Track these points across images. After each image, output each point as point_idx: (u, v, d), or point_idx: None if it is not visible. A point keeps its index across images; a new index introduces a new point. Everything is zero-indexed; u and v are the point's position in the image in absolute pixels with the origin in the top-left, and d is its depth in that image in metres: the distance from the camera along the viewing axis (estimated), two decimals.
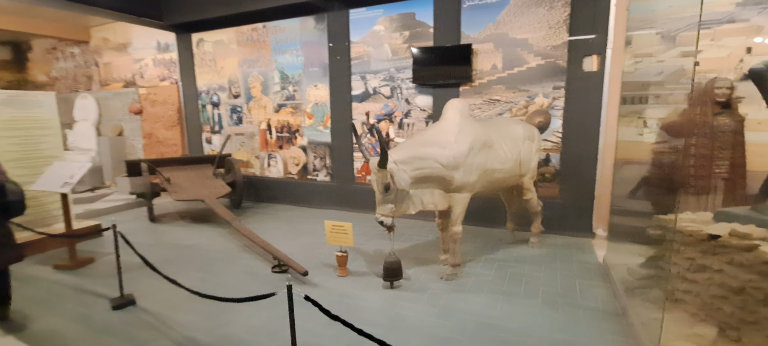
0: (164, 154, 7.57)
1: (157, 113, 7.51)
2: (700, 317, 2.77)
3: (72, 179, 3.77)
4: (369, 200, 5.83)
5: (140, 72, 7.76)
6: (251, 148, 6.78)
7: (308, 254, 4.24)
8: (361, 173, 5.90)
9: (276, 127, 6.47)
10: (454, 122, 3.49)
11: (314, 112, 6.11)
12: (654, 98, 4.46)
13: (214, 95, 6.94)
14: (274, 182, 6.64)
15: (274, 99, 6.40)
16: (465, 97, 5.10)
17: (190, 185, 5.76)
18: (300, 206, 6.41)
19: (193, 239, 4.86)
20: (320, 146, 6.16)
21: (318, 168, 6.25)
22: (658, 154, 4.39)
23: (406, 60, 5.34)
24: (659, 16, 4.37)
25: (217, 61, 6.78)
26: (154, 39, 7.44)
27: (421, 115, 5.38)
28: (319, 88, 6.01)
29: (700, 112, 4.15)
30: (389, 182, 3.19)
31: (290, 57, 6.14)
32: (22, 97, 4.42)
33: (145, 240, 4.85)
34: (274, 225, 5.40)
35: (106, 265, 4.06)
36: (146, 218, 5.84)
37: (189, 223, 5.59)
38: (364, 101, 5.70)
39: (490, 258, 4.12)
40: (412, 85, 5.35)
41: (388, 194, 3.24)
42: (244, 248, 4.53)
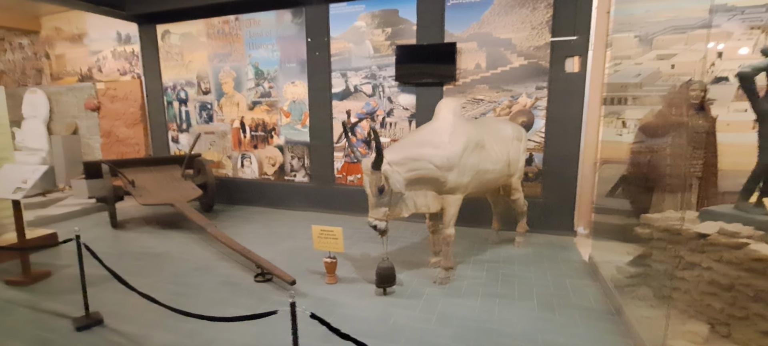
0: (126, 154, 7.04)
1: (117, 110, 6.97)
2: (690, 314, 2.83)
3: (25, 183, 3.36)
4: (350, 201, 5.71)
5: (98, 65, 7.17)
6: (222, 147, 6.43)
7: (292, 261, 4.03)
8: (342, 174, 5.73)
9: (250, 126, 6.16)
10: (448, 122, 3.40)
11: (291, 110, 5.86)
12: (632, 100, 4.59)
13: (182, 91, 6.52)
14: (248, 183, 6.33)
15: (247, 96, 6.09)
16: (448, 96, 5.04)
17: (156, 187, 5.37)
18: (277, 208, 6.15)
19: (163, 247, 4.51)
20: (298, 146, 5.92)
21: (296, 168, 6.01)
22: (636, 154, 4.53)
23: (388, 58, 5.21)
24: (638, 19, 4.50)
25: (184, 55, 6.37)
26: (113, 29, 6.88)
27: (403, 114, 5.27)
28: (296, 85, 5.77)
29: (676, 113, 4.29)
30: (383, 184, 3.06)
31: (265, 52, 5.85)
32: None
33: (109, 249, 4.46)
34: (251, 229, 5.13)
35: (66, 279, 3.67)
36: (108, 225, 5.38)
37: (156, 229, 5.21)
38: (344, 99, 5.52)
39: (480, 259, 4.08)
40: (394, 84, 5.23)
41: (382, 197, 3.10)
42: (221, 255, 4.25)
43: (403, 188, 3.13)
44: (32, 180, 3.38)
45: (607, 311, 3.06)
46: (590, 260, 4.01)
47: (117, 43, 6.93)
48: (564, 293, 3.35)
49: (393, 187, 3.07)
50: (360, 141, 5.55)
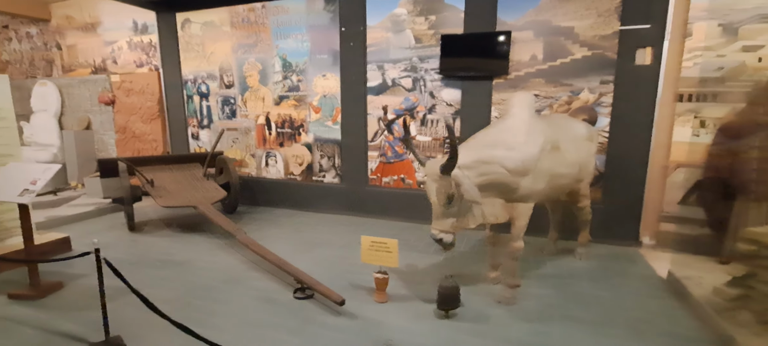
0: (142, 151, 6.64)
1: (134, 104, 6.56)
2: None
3: (34, 185, 2.94)
4: (385, 205, 5.24)
5: (112, 56, 6.77)
6: (246, 145, 5.99)
7: (330, 272, 3.58)
8: (376, 175, 5.26)
9: (276, 122, 5.72)
10: (523, 120, 2.92)
11: (322, 105, 5.41)
12: (712, 96, 4.08)
13: (203, 84, 6.09)
14: (273, 183, 5.89)
15: (274, 90, 5.65)
16: (497, 91, 4.56)
17: (177, 187, 4.94)
18: (303, 210, 5.70)
19: (186, 254, 4.08)
20: (328, 144, 5.47)
21: (325, 168, 5.56)
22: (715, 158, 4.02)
23: (431, 49, 4.74)
24: (721, 6, 3.98)
25: (206, 46, 5.94)
26: (129, 18, 6.47)
27: (447, 110, 4.79)
28: (327, 79, 5.31)
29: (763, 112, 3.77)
30: (454, 191, 2.59)
31: (294, 42, 5.40)
32: None
33: (126, 256, 4.03)
34: (279, 234, 4.68)
35: (80, 291, 3.25)
36: (124, 227, 4.97)
37: (177, 233, 4.78)
38: (381, 94, 5.06)
39: (541, 274, 3.61)
40: (437, 77, 4.76)
41: (451, 206, 2.64)
42: (251, 264, 3.81)
43: (479, 197, 2.65)
44: (42, 181, 2.96)
45: (708, 341, 2.60)
46: (670, 277, 3.52)
47: (133, 32, 6.52)
48: (650, 318, 2.88)
49: (467, 195, 2.60)
50: (397, 139, 5.09)
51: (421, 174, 5.04)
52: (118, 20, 6.58)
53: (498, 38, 4.38)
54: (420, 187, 5.08)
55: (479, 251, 4.11)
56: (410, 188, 5.13)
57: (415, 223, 5.03)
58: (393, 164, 5.16)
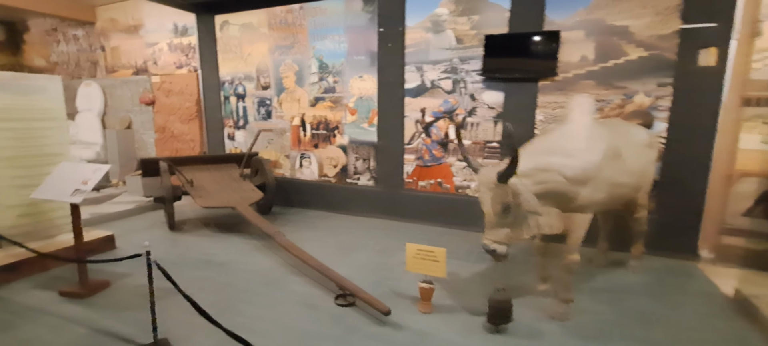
0: (180, 150, 6.77)
1: (173, 105, 6.70)
2: None
3: (85, 185, 2.98)
4: (421, 209, 5.11)
5: (153, 58, 6.94)
6: (281, 146, 6.00)
7: (370, 278, 3.49)
8: (412, 179, 5.15)
9: (311, 124, 5.69)
10: (584, 125, 2.75)
11: (358, 107, 5.34)
12: None
13: (239, 86, 6.15)
14: (306, 184, 5.87)
15: (310, 91, 5.62)
16: (543, 93, 4.36)
17: (216, 188, 4.98)
18: (337, 212, 5.65)
19: (226, 255, 4.08)
20: (363, 146, 5.40)
21: (360, 171, 5.49)
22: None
23: (473, 49, 4.58)
24: None
25: (243, 47, 5.99)
26: (170, 20, 6.62)
27: (488, 113, 4.63)
28: (364, 80, 5.24)
29: None
30: (510, 200, 2.45)
31: (331, 43, 5.36)
32: (21, 80, 3.62)
33: (167, 255, 4.07)
34: (315, 236, 4.63)
35: (126, 291, 3.28)
36: (164, 226, 5.05)
37: (216, 233, 4.81)
38: (419, 96, 4.94)
39: (593, 287, 3.40)
40: (479, 79, 4.60)
41: (507, 216, 2.49)
42: (290, 266, 3.77)
43: (539, 207, 2.50)
44: (93, 181, 3.00)
45: None
46: (737, 295, 3.25)
47: (173, 34, 6.66)
48: (720, 340, 2.67)
49: (526, 206, 2.45)
50: (435, 143, 4.96)
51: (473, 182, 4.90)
52: (160, 23, 6.73)
53: (546, 38, 4.18)
54: (457, 192, 4.93)
55: (524, 260, 3.92)
56: (448, 193, 4.99)
57: (453, 229, 4.89)
58: (430, 168, 5.03)
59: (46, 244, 3.75)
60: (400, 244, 4.42)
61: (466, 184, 4.87)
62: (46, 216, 3.83)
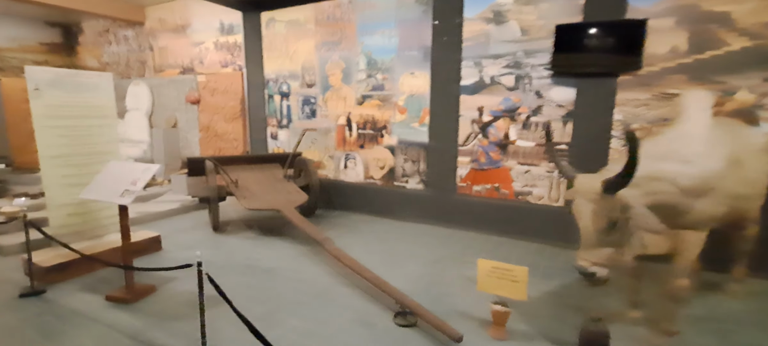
0: (223, 150, 6.71)
1: (217, 104, 6.64)
2: None
3: (135, 185, 2.82)
4: (476, 216, 4.70)
5: (199, 57, 6.93)
6: (325, 146, 5.78)
7: (429, 294, 3.15)
8: (466, 182, 4.76)
9: (358, 123, 5.43)
10: (702, 125, 2.29)
11: (408, 105, 5.02)
12: None
13: (284, 84, 5.98)
14: (351, 187, 5.61)
15: (357, 89, 5.36)
16: (623, 90, 3.87)
17: (260, 189, 4.81)
18: (383, 217, 5.35)
19: (272, 261, 3.86)
20: (413, 147, 5.07)
21: (408, 173, 5.16)
22: None
23: (540, 42, 4.15)
24: None
25: (289, 45, 5.82)
26: (217, 19, 6.57)
27: (556, 112, 4.18)
28: (416, 77, 4.91)
29: None
30: (617, 215, 2.04)
31: (381, 38, 5.07)
32: (74, 77, 3.55)
33: (212, 258, 3.91)
34: (362, 242, 4.34)
35: (172, 297, 3.10)
36: (207, 227, 4.93)
37: (260, 236, 4.62)
38: (476, 93, 4.56)
39: (694, 316, 2.90)
40: (547, 74, 4.16)
41: (611, 233, 2.08)
42: (338, 277, 3.49)
43: (658, 223, 2.07)
44: (143, 181, 2.84)
45: None
46: None
47: (219, 33, 6.60)
48: None
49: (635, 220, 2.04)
50: (492, 144, 4.55)
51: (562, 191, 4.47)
52: (206, 22, 6.70)
53: (630, 27, 3.69)
54: (517, 198, 4.50)
55: None
56: (506, 199, 4.56)
57: (512, 238, 4.47)
58: (486, 172, 4.63)
59: (93, 244, 3.67)
60: (453, 253, 4.05)
61: (527, 189, 4.43)
62: (94, 215, 3.75)
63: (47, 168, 3.40)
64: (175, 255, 3.98)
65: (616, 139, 3.95)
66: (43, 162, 3.38)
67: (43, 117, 3.35)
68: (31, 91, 3.28)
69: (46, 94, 3.36)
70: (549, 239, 4.30)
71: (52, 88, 3.40)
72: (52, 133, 3.41)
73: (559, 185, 4.26)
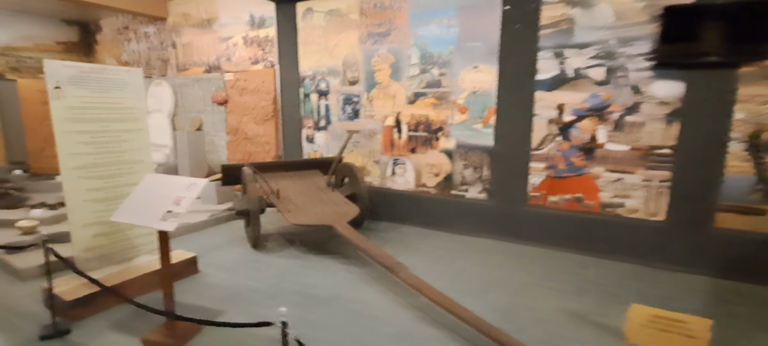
0: (253, 154, 6.18)
1: (247, 104, 6.11)
2: None
3: (178, 205, 2.27)
4: (552, 231, 4.04)
5: (227, 54, 6.40)
6: (369, 150, 5.20)
7: (530, 334, 2.55)
8: (540, 192, 4.15)
9: (408, 124, 4.84)
10: None
11: (469, 104, 4.42)
12: None
13: (322, 81, 5.42)
14: (399, 196, 5.03)
15: (408, 86, 4.77)
16: (746, 83, 3.22)
17: (304, 200, 4.25)
18: (436, 229, 4.76)
19: (329, 288, 3.29)
20: (475, 152, 4.47)
21: (468, 181, 4.56)
22: None
23: (640, 27, 3.52)
24: None
25: (329, 38, 5.25)
26: (246, 11, 6.03)
27: (658, 111, 3.54)
28: (479, 71, 4.31)
29: None
30: None
31: (437, 28, 4.48)
32: (99, 73, 3.02)
33: (259, 284, 3.35)
34: (420, 262, 3.75)
35: (220, 340, 2.55)
36: (244, 241, 4.39)
37: (305, 253, 4.06)
38: (555, 89, 3.94)
39: None
40: (646, 66, 3.53)
41: None
42: (417, 310, 2.90)
43: None
44: (189, 200, 2.29)
45: None
46: None
47: (249, 27, 6.07)
48: None
49: None
50: (574, 148, 3.93)
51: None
52: (235, 15, 6.17)
53: (757, 8, 3.04)
54: (604, 211, 3.87)
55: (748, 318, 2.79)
56: (589, 212, 3.94)
57: (597, 258, 3.85)
58: (565, 180, 4.01)
59: (123, 270, 3.14)
60: (537, 277, 3.45)
61: (617, 201, 3.80)
62: (124, 235, 3.22)
63: (70, 181, 2.87)
64: (215, 279, 3.44)
65: (737, 143, 3.31)
66: (65, 174, 2.85)
67: (64, 120, 2.82)
68: (52, 90, 2.76)
69: (67, 94, 2.83)
70: (645, 260, 3.68)
71: (75, 86, 2.87)
72: (75, 139, 2.88)
73: (660, 197, 3.62)
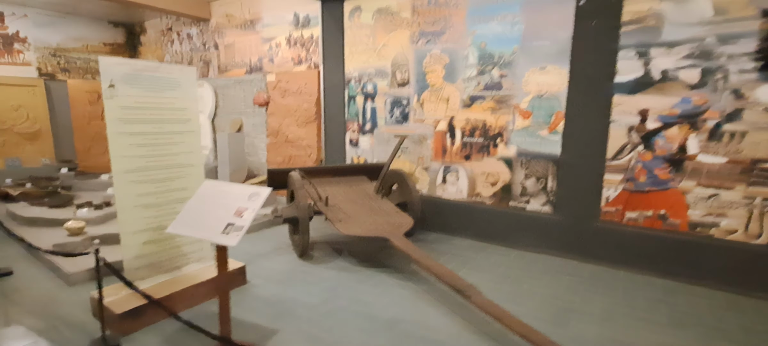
0: (294, 157, 6.01)
1: (289, 106, 5.95)
2: None
3: (241, 217, 2.05)
4: (629, 251, 3.60)
5: (270, 54, 6.27)
6: (418, 156, 4.91)
7: None
8: (615, 207, 3.74)
9: (463, 129, 4.52)
10: None
11: (534, 108, 4.06)
12: None
13: (369, 83, 5.18)
14: (450, 205, 4.71)
15: (464, 88, 4.46)
16: None
17: (354, 209, 4.00)
18: (492, 243, 4.41)
19: (387, 307, 3.01)
20: (539, 160, 4.10)
21: (531, 192, 4.19)
22: None
23: (745, 23, 3.08)
24: None
25: (377, 37, 5.00)
26: (290, 11, 5.88)
27: (763, 119, 3.09)
28: (547, 73, 3.95)
29: None
30: None
31: (499, 26, 4.15)
32: (153, 71, 2.86)
33: (311, 299, 3.11)
34: (481, 279, 3.41)
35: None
36: (290, 250, 4.18)
37: (355, 265, 3.80)
38: (638, 92, 3.53)
39: None
40: (754, 67, 3.08)
41: None
42: (490, 339, 2.58)
43: None
44: (252, 211, 2.06)
45: None
46: None
47: (293, 27, 5.91)
48: None
49: None
50: (659, 159, 3.51)
51: None
52: (279, 14, 6.03)
53: None
54: (694, 231, 3.43)
55: None
56: (675, 231, 3.50)
57: (685, 283, 3.41)
58: (647, 194, 3.59)
59: (172, 280, 2.97)
60: (620, 304, 3.05)
61: (710, 220, 3.35)
62: (173, 242, 3.05)
63: (121, 185, 2.72)
64: (264, 292, 3.22)
65: None
66: (117, 178, 2.70)
67: (117, 121, 2.67)
68: (105, 89, 2.61)
69: (121, 93, 2.68)
70: (742, 288, 3.22)
71: (128, 84, 2.72)
72: (127, 141, 2.72)
73: (765, 217, 3.15)
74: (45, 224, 4.57)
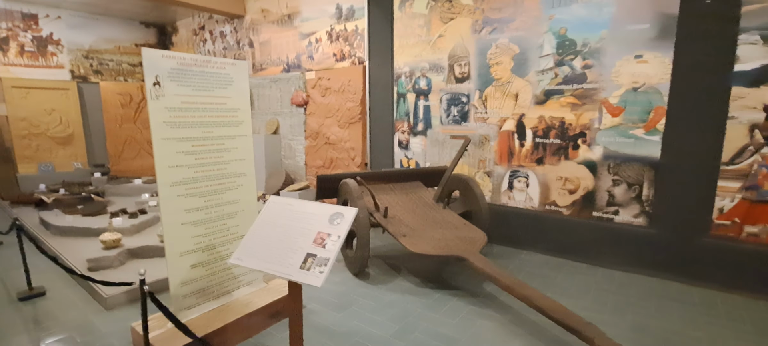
0: (335, 161, 5.58)
1: (330, 105, 5.53)
2: None
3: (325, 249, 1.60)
4: (745, 272, 2.98)
5: (309, 51, 5.87)
6: (479, 159, 4.40)
7: None
8: (731, 220, 3.14)
9: (535, 129, 3.99)
10: None
11: (627, 103, 3.49)
12: None
13: (422, 79, 4.70)
14: (518, 214, 4.18)
15: (537, 82, 3.92)
16: None
17: (417, 221, 3.53)
18: (569, 258, 3.87)
19: (471, 342, 2.52)
20: (631, 164, 3.53)
21: (620, 201, 3.63)
22: None
23: None
24: None
25: (432, 28, 4.52)
26: (332, 3, 5.46)
27: None
28: (644, 61, 3.37)
29: None
30: None
31: (583, 9, 3.60)
32: (203, 66, 2.45)
33: (383, 332, 2.65)
34: (579, 308, 2.88)
35: None
36: (342, 266, 3.74)
37: (420, 286, 3.32)
38: (763, 84, 2.93)
39: None
40: None
41: None
42: None
43: None
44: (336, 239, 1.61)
45: None
46: None
47: (335, 20, 5.49)
48: None
49: None
50: None
51: None
52: (319, 7, 5.62)
53: None
54: None
55: None
56: None
57: None
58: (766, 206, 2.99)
59: (223, 308, 2.57)
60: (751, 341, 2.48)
61: None
62: (223, 264, 2.64)
63: (168, 200, 2.32)
64: (324, 320, 2.79)
65: None
66: (163, 191, 2.30)
67: (164, 125, 2.27)
68: (150, 87, 2.21)
69: (167, 92, 2.28)
70: None
71: (175, 82, 2.31)
72: (174, 148, 2.32)
73: None
74: (79, 233, 4.30)
